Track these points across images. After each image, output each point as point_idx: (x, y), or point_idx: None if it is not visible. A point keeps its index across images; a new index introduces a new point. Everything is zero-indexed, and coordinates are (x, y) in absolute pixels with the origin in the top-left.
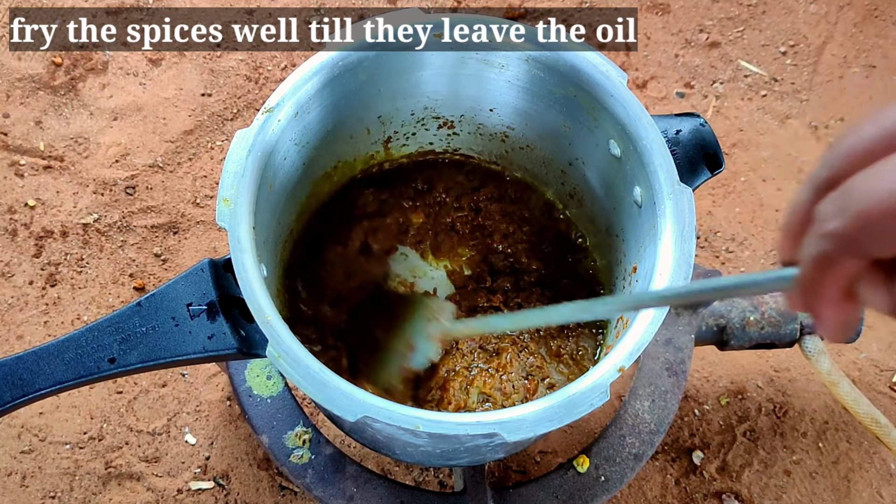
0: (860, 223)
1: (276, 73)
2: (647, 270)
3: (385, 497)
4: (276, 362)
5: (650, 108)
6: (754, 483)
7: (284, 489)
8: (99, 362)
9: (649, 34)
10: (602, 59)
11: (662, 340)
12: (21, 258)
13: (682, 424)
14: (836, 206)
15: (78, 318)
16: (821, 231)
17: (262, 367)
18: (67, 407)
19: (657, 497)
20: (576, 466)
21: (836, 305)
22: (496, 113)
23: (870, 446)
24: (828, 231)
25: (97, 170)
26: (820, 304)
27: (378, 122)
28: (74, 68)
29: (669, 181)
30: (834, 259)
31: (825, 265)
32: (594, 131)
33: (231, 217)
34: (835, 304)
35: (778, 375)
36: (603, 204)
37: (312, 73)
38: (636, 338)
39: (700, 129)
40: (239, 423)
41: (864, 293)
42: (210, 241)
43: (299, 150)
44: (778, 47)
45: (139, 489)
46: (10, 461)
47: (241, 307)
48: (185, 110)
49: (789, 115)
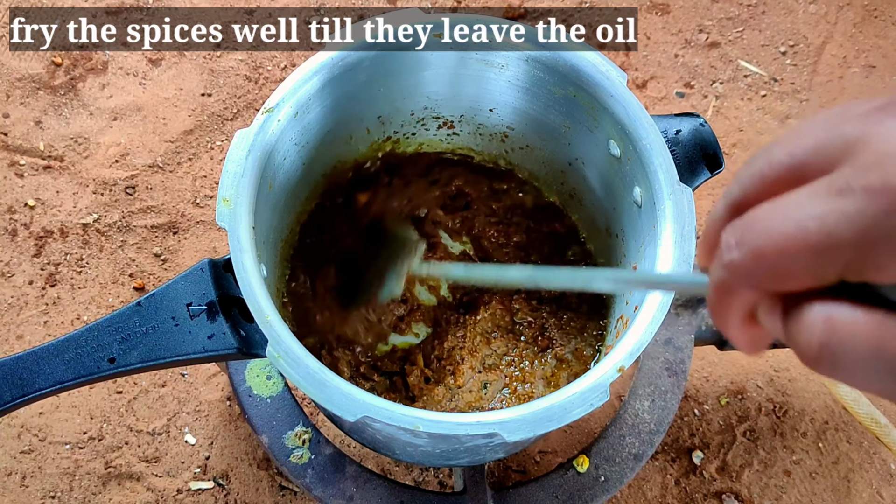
0: (754, 260)
1: (276, 73)
2: (647, 270)
3: (385, 497)
4: (275, 362)
5: (650, 108)
6: (754, 483)
7: (284, 489)
8: (99, 362)
9: (649, 34)
10: (602, 59)
11: (662, 340)
12: (21, 258)
13: (682, 424)
14: (736, 238)
15: (78, 318)
16: (721, 261)
17: (262, 367)
18: (67, 407)
19: (657, 497)
20: (576, 466)
21: (739, 327)
22: (496, 113)
23: (870, 446)
24: (726, 262)
25: (97, 170)
26: (725, 326)
27: (378, 122)
28: (74, 68)
29: (669, 181)
30: (731, 287)
31: (725, 292)
32: (594, 131)
33: (231, 217)
34: (737, 325)
35: (778, 375)
36: (603, 204)
37: (312, 73)
38: (636, 338)
39: (700, 129)
40: (239, 423)
41: (762, 319)
42: (210, 241)
43: (299, 150)
44: (778, 47)
45: (139, 489)
46: (10, 461)
47: (240, 307)
48: (185, 110)
49: (789, 115)
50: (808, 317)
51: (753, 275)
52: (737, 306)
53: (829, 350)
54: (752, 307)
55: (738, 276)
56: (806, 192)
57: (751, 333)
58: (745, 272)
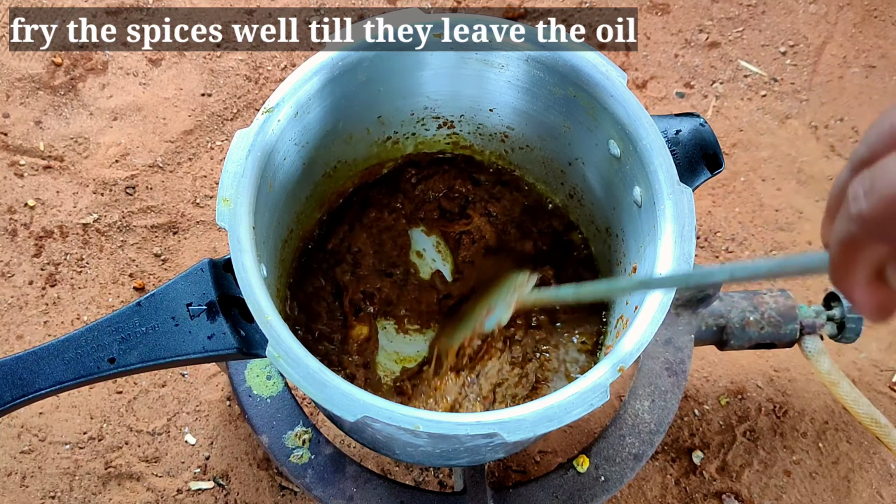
0: (886, 208)
1: (276, 73)
2: (647, 270)
3: (385, 497)
4: (275, 362)
5: (650, 108)
6: (754, 483)
7: (284, 489)
8: (99, 362)
9: (649, 34)
10: (602, 59)
11: (662, 340)
12: (21, 258)
13: (682, 424)
14: (864, 188)
15: (78, 318)
16: (848, 213)
17: (262, 367)
18: (67, 407)
19: (657, 497)
20: (576, 466)
21: (866, 288)
22: (496, 113)
23: (870, 446)
24: (854, 213)
25: (97, 170)
26: (850, 287)
27: (378, 122)
28: (74, 68)
29: (669, 181)
30: (859, 241)
31: (851, 247)
32: (594, 131)
33: (231, 217)
34: (865, 286)
35: (778, 375)
36: (603, 204)
37: (312, 73)
38: (636, 338)
39: (700, 129)
40: (239, 423)
41: (892, 277)
42: (210, 241)
43: (299, 150)
44: (778, 47)
45: (139, 489)
46: (10, 461)
47: (240, 307)
48: (185, 110)
49: (789, 115)
50: None
51: (885, 224)
52: (864, 263)
53: None
54: (881, 264)
55: (868, 227)
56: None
57: (878, 295)
58: (875, 221)
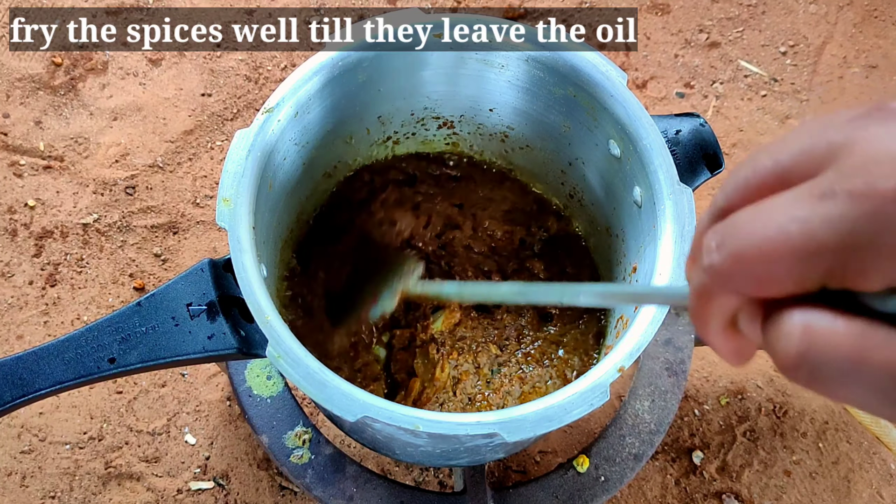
0: (735, 263)
1: (276, 73)
2: (647, 271)
3: (385, 497)
4: (275, 362)
5: (650, 108)
6: (754, 483)
7: (284, 489)
8: (99, 362)
9: (649, 34)
10: (602, 59)
11: (662, 340)
12: (21, 258)
13: (682, 424)
14: (717, 241)
15: (78, 318)
16: (702, 264)
17: (262, 367)
18: (67, 407)
19: (657, 497)
20: (576, 466)
21: (721, 335)
22: (496, 113)
23: (870, 446)
24: (706, 265)
25: (97, 170)
26: (706, 333)
27: (378, 122)
28: (74, 68)
29: (669, 181)
30: (712, 292)
31: (706, 296)
32: (594, 131)
33: (231, 217)
34: (720, 333)
35: (778, 375)
36: (603, 204)
37: (312, 73)
38: (636, 338)
39: (700, 130)
40: (239, 423)
41: (743, 327)
42: (210, 241)
43: (299, 150)
44: (778, 47)
45: (139, 489)
46: (10, 461)
47: (240, 307)
48: (185, 110)
49: (789, 115)
50: (787, 324)
51: (733, 278)
52: (717, 313)
53: (806, 359)
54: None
55: (719, 280)
56: (789, 196)
57: (733, 342)
58: (725, 275)
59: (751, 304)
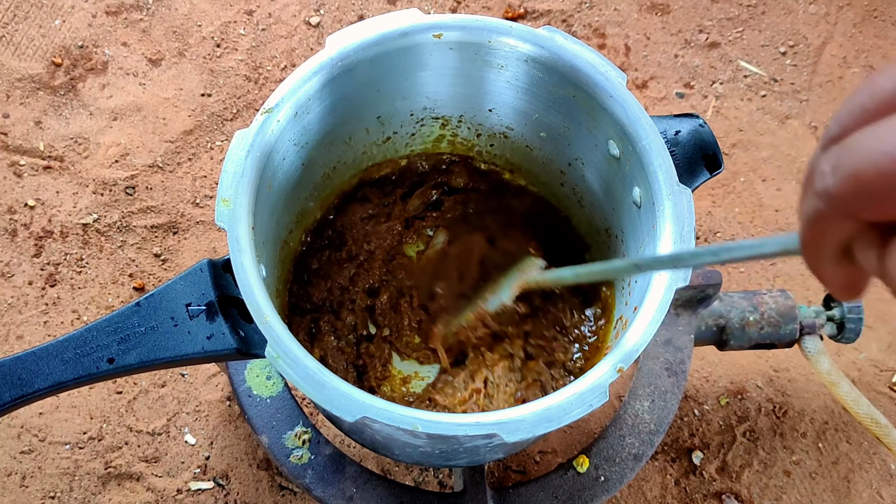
0: (851, 184)
1: (276, 73)
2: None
3: (385, 497)
4: (274, 363)
5: (650, 108)
6: (754, 483)
7: (284, 489)
8: (98, 362)
9: (649, 34)
10: (601, 60)
11: (662, 340)
12: (21, 258)
13: (681, 424)
14: (831, 164)
15: (77, 318)
16: (814, 189)
17: (262, 367)
18: (67, 407)
19: (657, 497)
20: (575, 466)
21: (833, 266)
22: (495, 113)
23: (870, 446)
24: (821, 189)
25: (97, 170)
26: (818, 264)
27: (377, 123)
28: (74, 68)
29: (668, 182)
30: (826, 218)
31: (819, 224)
32: (593, 132)
33: (230, 217)
34: (832, 264)
35: (778, 375)
36: (602, 204)
37: (312, 74)
38: (635, 338)
39: (699, 130)
40: (239, 423)
41: (858, 255)
42: (209, 241)
43: (298, 150)
44: (777, 47)
45: (139, 489)
46: (10, 461)
47: (240, 307)
48: (184, 110)
49: (789, 115)
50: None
51: (850, 201)
52: (831, 241)
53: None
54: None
55: (833, 204)
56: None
57: (846, 273)
58: (840, 198)
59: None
